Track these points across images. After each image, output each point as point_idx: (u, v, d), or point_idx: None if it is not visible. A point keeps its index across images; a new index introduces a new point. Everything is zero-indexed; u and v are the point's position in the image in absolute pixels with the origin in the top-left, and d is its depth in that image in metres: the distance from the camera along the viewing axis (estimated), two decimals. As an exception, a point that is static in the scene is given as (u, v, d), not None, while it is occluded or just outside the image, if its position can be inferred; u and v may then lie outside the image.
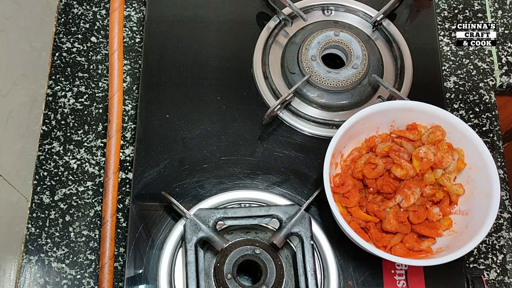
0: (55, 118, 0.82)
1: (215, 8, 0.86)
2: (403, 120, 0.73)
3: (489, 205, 0.66)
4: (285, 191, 0.75)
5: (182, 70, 0.82)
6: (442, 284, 0.71)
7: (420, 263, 0.65)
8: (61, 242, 0.76)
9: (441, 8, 0.92)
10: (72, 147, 0.81)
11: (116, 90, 0.69)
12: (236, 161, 0.77)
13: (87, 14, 0.88)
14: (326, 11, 0.86)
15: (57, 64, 0.85)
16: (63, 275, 0.74)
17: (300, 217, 0.69)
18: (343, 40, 0.80)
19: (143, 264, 0.71)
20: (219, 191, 0.74)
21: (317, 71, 0.78)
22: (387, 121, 0.73)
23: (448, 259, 0.63)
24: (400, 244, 0.69)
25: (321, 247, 0.71)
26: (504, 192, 0.81)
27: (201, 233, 0.68)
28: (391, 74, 0.83)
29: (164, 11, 0.85)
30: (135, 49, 0.87)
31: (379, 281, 0.71)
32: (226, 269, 0.66)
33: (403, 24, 0.86)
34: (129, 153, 0.81)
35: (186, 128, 0.78)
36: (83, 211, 0.77)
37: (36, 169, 0.79)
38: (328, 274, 0.70)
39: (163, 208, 0.73)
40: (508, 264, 0.78)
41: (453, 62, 0.88)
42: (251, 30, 0.84)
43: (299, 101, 0.80)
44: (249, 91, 0.81)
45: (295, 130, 0.79)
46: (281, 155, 0.77)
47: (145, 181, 0.75)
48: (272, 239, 0.68)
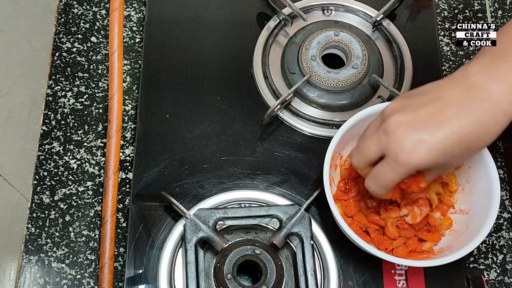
0: (55, 118, 0.82)
1: (215, 8, 0.86)
2: None
3: (489, 205, 0.66)
4: (285, 191, 0.75)
5: (182, 70, 0.82)
6: (442, 284, 0.71)
7: (420, 264, 0.65)
8: (61, 242, 0.76)
9: (441, 8, 0.92)
10: (72, 147, 0.81)
11: (116, 90, 0.69)
12: (236, 161, 0.77)
13: (87, 14, 0.88)
14: (326, 11, 0.86)
15: (57, 64, 0.85)
16: (63, 275, 0.74)
17: (300, 217, 0.69)
18: (343, 40, 0.80)
19: (143, 264, 0.71)
20: (219, 191, 0.74)
21: (317, 71, 0.78)
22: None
23: (448, 260, 0.63)
24: (402, 245, 0.69)
25: (321, 247, 0.71)
26: (504, 192, 0.81)
27: (201, 233, 0.68)
28: (391, 74, 0.83)
29: (164, 11, 0.85)
30: (135, 49, 0.87)
31: (379, 281, 0.71)
32: (226, 269, 0.66)
33: (403, 24, 0.86)
34: (129, 153, 0.81)
35: (186, 128, 0.78)
36: (83, 211, 0.78)
37: (36, 169, 0.79)
38: (328, 274, 0.70)
39: (163, 208, 0.73)
40: (508, 264, 0.78)
41: (453, 62, 0.88)
42: (251, 30, 0.84)
43: (299, 101, 0.80)
44: (249, 91, 0.81)
45: (295, 130, 0.79)
46: (281, 155, 0.77)
47: (145, 181, 0.75)
48: (272, 239, 0.68)
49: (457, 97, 0.56)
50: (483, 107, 0.55)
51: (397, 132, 0.57)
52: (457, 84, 0.57)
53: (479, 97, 0.55)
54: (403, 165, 0.57)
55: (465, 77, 0.57)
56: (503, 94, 0.54)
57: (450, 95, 0.56)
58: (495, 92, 0.55)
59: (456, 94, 0.56)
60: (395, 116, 0.57)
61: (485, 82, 0.55)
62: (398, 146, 0.56)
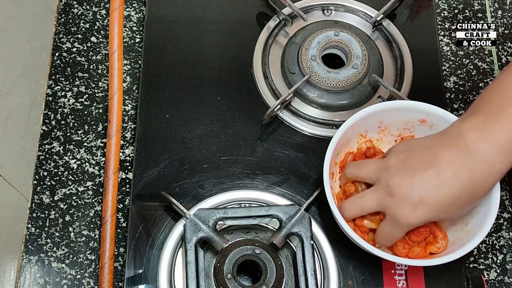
0: (55, 118, 0.82)
1: (215, 8, 0.86)
2: (391, 121, 0.72)
3: (489, 205, 0.65)
4: (285, 191, 0.75)
5: (182, 70, 0.82)
6: (442, 284, 0.71)
7: (420, 263, 0.65)
8: (61, 242, 0.76)
9: (441, 8, 0.92)
10: (72, 147, 0.81)
11: (116, 90, 0.69)
12: (236, 161, 0.77)
13: (87, 14, 0.88)
14: (326, 11, 0.86)
15: (57, 64, 0.85)
16: (63, 275, 0.74)
17: (300, 217, 0.69)
18: (343, 40, 0.80)
19: (143, 264, 0.71)
20: (219, 191, 0.74)
21: (317, 71, 0.78)
22: (375, 123, 0.72)
23: (448, 260, 0.63)
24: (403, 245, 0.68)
25: (321, 247, 0.71)
26: (504, 192, 0.81)
27: (201, 233, 0.68)
28: (391, 74, 0.83)
29: (164, 11, 0.85)
30: (135, 49, 0.87)
31: (379, 281, 0.71)
32: (226, 269, 0.66)
33: (403, 24, 0.86)
34: (129, 153, 0.81)
35: (186, 128, 0.78)
36: (83, 211, 0.78)
37: (36, 169, 0.79)
38: (328, 274, 0.70)
39: (163, 208, 0.73)
40: (508, 264, 0.78)
41: (453, 62, 0.88)
42: (251, 30, 0.84)
43: (299, 101, 0.80)
44: (249, 91, 0.81)
45: (295, 130, 0.79)
46: (281, 155, 0.77)
47: (145, 181, 0.75)
48: (272, 239, 0.68)
49: (452, 159, 0.60)
50: (476, 168, 0.59)
51: (399, 195, 0.62)
52: (451, 142, 0.61)
53: (473, 158, 0.59)
54: (404, 224, 0.62)
55: (460, 136, 0.60)
56: (495, 155, 0.58)
57: (446, 157, 0.60)
58: (487, 154, 0.58)
59: (451, 156, 0.60)
60: (397, 179, 0.62)
61: (478, 143, 0.58)
62: (399, 209, 0.62)
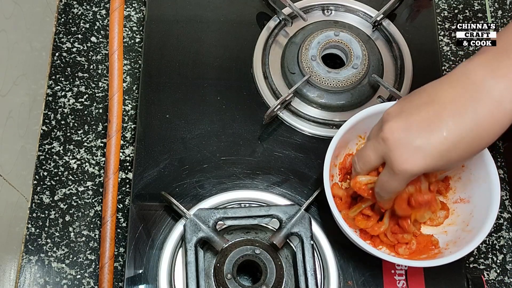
0: (55, 118, 0.82)
1: (215, 8, 0.86)
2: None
3: (489, 205, 0.66)
4: (285, 191, 0.75)
5: (182, 70, 0.82)
6: (442, 284, 0.71)
7: (420, 264, 0.65)
8: (61, 242, 0.76)
9: (441, 8, 0.92)
10: (72, 147, 0.81)
11: (116, 90, 0.69)
12: (236, 161, 0.77)
13: (87, 14, 0.88)
14: (326, 11, 0.86)
15: (57, 64, 0.85)
16: (63, 275, 0.74)
17: (300, 217, 0.69)
18: (343, 40, 0.80)
19: (143, 264, 0.71)
20: (219, 191, 0.74)
21: (317, 71, 0.78)
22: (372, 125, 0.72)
23: (448, 260, 0.63)
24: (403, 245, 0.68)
25: (321, 247, 0.71)
26: (504, 192, 0.81)
27: (201, 233, 0.68)
28: (391, 74, 0.83)
29: (164, 11, 0.85)
30: (135, 49, 0.87)
31: (379, 281, 0.71)
32: (226, 269, 0.66)
33: (403, 24, 0.86)
34: (129, 153, 0.81)
35: (186, 128, 0.78)
36: (83, 211, 0.78)
37: (36, 169, 0.79)
38: (328, 274, 0.70)
39: (163, 208, 0.73)
40: (508, 264, 0.78)
41: (453, 62, 0.88)
42: (251, 30, 0.84)
43: (299, 101, 0.80)
44: (249, 91, 0.81)
45: (295, 130, 0.79)
46: (281, 155, 0.77)
47: (145, 181, 0.75)
48: (272, 239, 0.68)
49: (453, 98, 0.53)
50: (481, 107, 0.51)
51: (391, 139, 0.55)
52: (455, 83, 0.54)
53: (478, 96, 0.52)
54: (399, 173, 0.55)
55: (464, 75, 0.54)
56: (506, 91, 0.51)
57: (446, 96, 0.53)
58: (497, 90, 0.51)
59: (453, 94, 0.53)
60: (390, 122, 0.56)
61: (486, 79, 0.51)
62: (393, 154, 0.55)
